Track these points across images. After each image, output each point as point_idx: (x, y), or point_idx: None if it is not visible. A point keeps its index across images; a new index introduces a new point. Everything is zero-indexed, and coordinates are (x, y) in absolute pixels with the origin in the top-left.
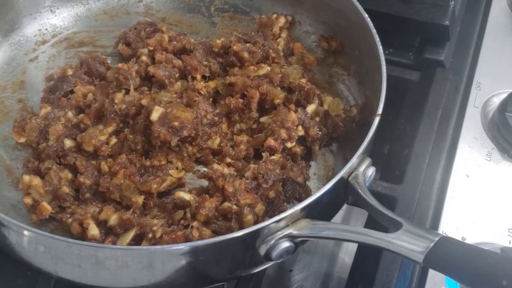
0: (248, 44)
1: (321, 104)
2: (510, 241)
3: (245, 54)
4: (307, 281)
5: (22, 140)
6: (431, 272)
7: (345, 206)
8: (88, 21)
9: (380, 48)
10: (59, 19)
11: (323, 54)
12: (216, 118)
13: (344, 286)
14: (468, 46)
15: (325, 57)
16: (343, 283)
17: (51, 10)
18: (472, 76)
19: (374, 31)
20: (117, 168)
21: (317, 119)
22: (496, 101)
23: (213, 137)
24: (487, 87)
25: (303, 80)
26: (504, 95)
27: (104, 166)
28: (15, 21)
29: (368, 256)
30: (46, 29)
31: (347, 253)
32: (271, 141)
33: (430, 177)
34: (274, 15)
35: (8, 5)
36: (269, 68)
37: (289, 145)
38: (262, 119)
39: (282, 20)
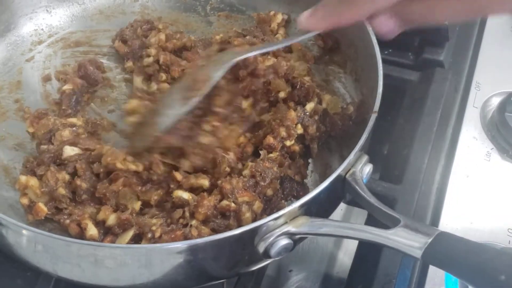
0: (247, 37)
1: (319, 102)
2: (510, 241)
3: (247, 47)
4: (306, 281)
5: (31, 130)
6: (431, 272)
7: (345, 206)
8: (84, 20)
9: (376, 45)
10: (55, 19)
11: (319, 52)
12: None
13: (343, 286)
14: (467, 46)
15: (321, 55)
16: (343, 283)
17: (47, 10)
18: (472, 76)
19: (370, 28)
20: (117, 175)
21: (316, 117)
22: (496, 101)
23: None
24: (487, 87)
25: (307, 78)
26: (503, 95)
27: (99, 169)
28: (10, 21)
29: (367, 256)
30: (42, 29)
31: (347, 254)
32: (270, 139)
33: (430, 177)
34: (272, 12)
35: (3, 5)
36: (275, 59)
37: (288, 143)
38: (262, 117)
39: (279, 17)
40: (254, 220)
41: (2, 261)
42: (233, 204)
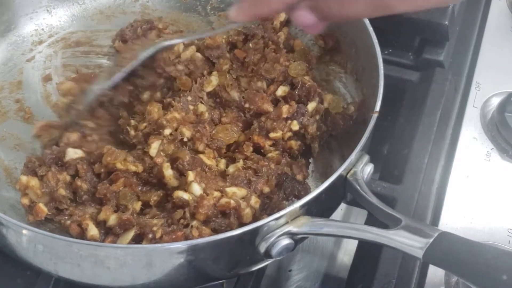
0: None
1: (321, 102)
2: (509, 241)
3: (240, 45)
4: (306, 281)
5: (37, 134)
6: (431, 272)
7: (344, 205)
8: (85, 20)
9: (377, 45)
10: (55, 19)
11: (319, 52)
12: None
13: (343, 286)
14: (467, 46)
15: (322, 55)
16: (343, 283)
17: (47, 10)
18: (472, 76)
19: (370, 28)
20: (117, 175)
21: (317, 117)
22: (496, 101)
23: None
24: (487, 87)
25: (307, 78)
26: (503, 95)
27: (100, 170)
28: (11, 22)
29: (367, 256)
30: (43, 29)
31: (347, 253)
32: (255, 138)
33: (429, 177)
34: None
35: (4, 6)
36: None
37: (272, 135)
38: (262, 118)
39: (283, 15)
40: (254, 216)
41: (2, 261)
42: (232, 202)
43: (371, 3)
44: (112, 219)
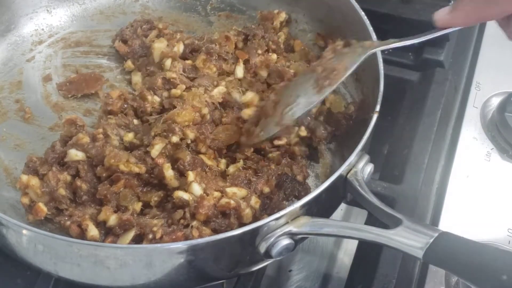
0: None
1: (323, 102)
2: (509, 241)
3: (241, 45)
4: (306, 281)
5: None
6: (431, 272)
7: (345, 206)
8: (85, 21)
9: None
10: (55, 19)
11: (319, 52)
12: None
13: (343, 286)
14: (467, 46)
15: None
16: (343, 283)
17: (47, 10)
18: (472, 76)
19: (370, 28)
20: (118, 176)
21: (321, 118)
22: (496, 101)
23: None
24: (487, 87)
25: None
26: (503, 95)
27: (103, 173)
28: (11, 22)
29: (367, 256)
30: (43, 29)
31: (347, 253)
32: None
33: (430, 177)
34: (276, 10)
35: (4, 6)
36: (275, 57)
37: (277, 142)
38: None
39: (283, 15)
40: (254, 216)
41: (2, 261)
42: (232, 202)
43: None
44: (112, 220)
